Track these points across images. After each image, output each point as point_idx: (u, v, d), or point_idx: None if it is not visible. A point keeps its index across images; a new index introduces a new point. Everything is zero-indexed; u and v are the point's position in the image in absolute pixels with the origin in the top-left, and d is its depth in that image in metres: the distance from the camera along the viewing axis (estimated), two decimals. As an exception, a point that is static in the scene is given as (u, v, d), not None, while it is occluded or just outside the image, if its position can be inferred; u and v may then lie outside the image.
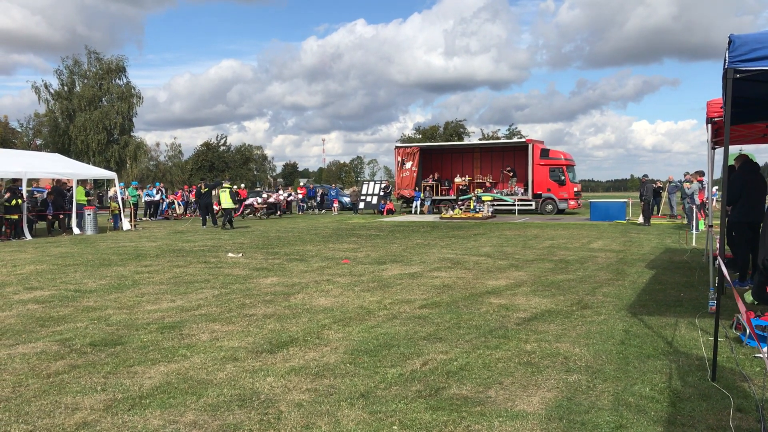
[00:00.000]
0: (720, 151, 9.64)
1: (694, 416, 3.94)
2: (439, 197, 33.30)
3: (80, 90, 51.12)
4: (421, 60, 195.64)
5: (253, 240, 16.98)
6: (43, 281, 9.68)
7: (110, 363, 5.17)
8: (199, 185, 26.18)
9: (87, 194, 21.73)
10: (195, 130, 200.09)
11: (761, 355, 5.08)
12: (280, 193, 32.85)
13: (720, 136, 8.46)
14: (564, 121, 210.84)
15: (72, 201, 20.19)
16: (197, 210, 26.35)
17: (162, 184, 32.42)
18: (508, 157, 33.64)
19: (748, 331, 5.56)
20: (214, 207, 23.76)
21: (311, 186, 41.33)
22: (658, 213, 27.19)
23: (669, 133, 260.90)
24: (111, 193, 23.92)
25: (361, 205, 33.92)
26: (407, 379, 4.69)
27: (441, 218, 26.71)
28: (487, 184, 32.94)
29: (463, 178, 33.48)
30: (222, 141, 78.27)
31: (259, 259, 12.34)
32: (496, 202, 30.51)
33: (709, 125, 7.97)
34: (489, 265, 11.23)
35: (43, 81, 58.41)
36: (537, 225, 22.44)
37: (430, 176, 33.86)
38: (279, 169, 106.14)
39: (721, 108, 6.77)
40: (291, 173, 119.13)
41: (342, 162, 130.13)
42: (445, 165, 35.12)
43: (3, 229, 17.71)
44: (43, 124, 56.09)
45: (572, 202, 30.83)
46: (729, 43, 4.42)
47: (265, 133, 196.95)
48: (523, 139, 38.90)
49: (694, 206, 17.33)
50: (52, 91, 50.67)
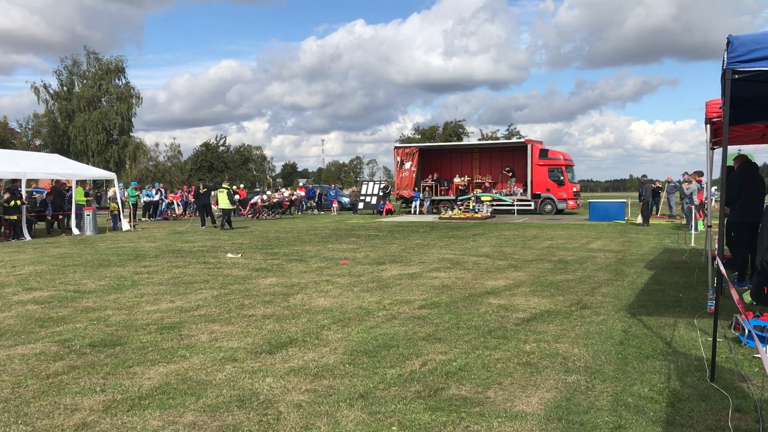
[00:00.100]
0: (719, 152, 9.64)
1: (693, 416, 3.95)
2: (439, 197, 33.29)
3: (79, 90, 51.09)
4: (420, 60, 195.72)
5: (252, 240, 16.98)
6: (42, 282, 9.68)
7: (109, 364, 5.17)
8: (197, 185, 26.17)
9: (86, 195, 21.71)
10: (194, 130, 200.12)
11: (760, 356, 5.09)
12: (284, 191, 32.71)
13: (719, 136, 8.46)
14: (563, 121, 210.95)
15: (71, 201, 20.17)
16: (196, 210, 26.35)
17: (161, 185, 32.39)
18: (507, 158, 33.66)
19: (746, 331, 5.56)
20: (212, 207, 23.76)
21: (310, 186, 41.31)
22: (657, 213, 27.21)
23: (668, 133, 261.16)
24: (110, 193, 23.92)
25: (361, 205, 33.93)
26: (406, 380, 4.69)
27: (440, 218, 26.72)
28: (486, 184, 32.94)
29: (462, 179, 33.48)
30: (221, 141, 78.34)
31: (258, 260, 12.34)
32: (495, 203, 30.51)
33: (708, 125, 7.98)
34: (488, 265, 11.24)
35: (42, 81, 58.27)
36: (536, 225, 22.45)
37: (429, 176, 33.86)
38: (278, 170, 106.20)
39: (720, 108, 6.78)
40: (290, 173, 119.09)
41: (341, 162, 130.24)
42: (444, 165, 35.13)
43: (2, 230, 17.68)
44: (43, 125, 56.04)
45: (571, 203, 30.85)
46: (727, 43, 4.42)
47: (265, 133, 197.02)
48: (522, 140, 38.91)
49: (693, 206, 17.34)
50: (51, 91, 50.68)
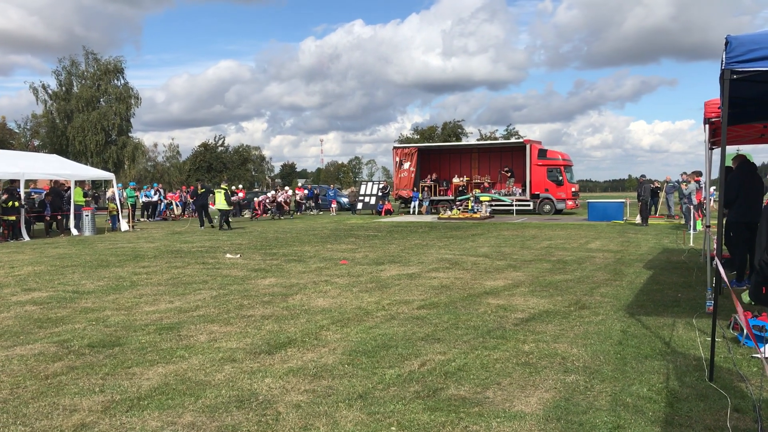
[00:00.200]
0: (717, 151, 9.65)
1: (692, 416, 3.95)
2: (437, 197, 33.31)
3: (78, 91, 51.01)
4: (419, 60, 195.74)
5: (251, 241, 16.97)
6: (40, 282, 9.67)
7: (108, 364, 5.17)
8: (196, 186, 26.14)
9: (85, 195, 21.68)
10: (193, 130, 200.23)
11: (758, 356, 5.09)
12: (287, 190, 32.63)
13: (717, 136, 8.47)
14: (562, 121, 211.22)
15: (70, 202, 20.16)
16: (195, 211, 26.31)
17: (160, 185, 32.35)
18: (505, 158, 33.68)
19: (745, 331, 5.57)
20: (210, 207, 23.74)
21: (309, 186, 41.28)
22: (655, 213, 27.23)
23: (666, 133, 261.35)
24: (109, 194, 23.90)
25: (360, 205, 33.93)
26: (405, 380, 4.69)
27: (439, 218, 26.73)
28: (485, 184, 32.94)
29: (461, 179, 33.49)
30: (220, 142, 78.25)
31: (257, 260, 12.33)
32: (494, 203, 30.52)
33: (707, 125, 7.98)
34: (487, 265, 11.24)
35: (41, 82, 58.42)
36: (535, 225, 22.46)
37: (428, 177, 33.87)
38: (277, 170, 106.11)
39: (719, 108, 6.78)
40: (289, 174, 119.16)
41: (340, 162, 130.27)
42: (443, 165, 35.15)
43: (1, 231, 17.67)
44: (41, 125, 55.96)
45: (570, 203, 30.86)
46: (726, 44, 4.42)
47: (263, 133, 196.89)
48: (521, 140, 38.89)
49: (692, 206, 17.35)
50: (49, 91, 50.60)
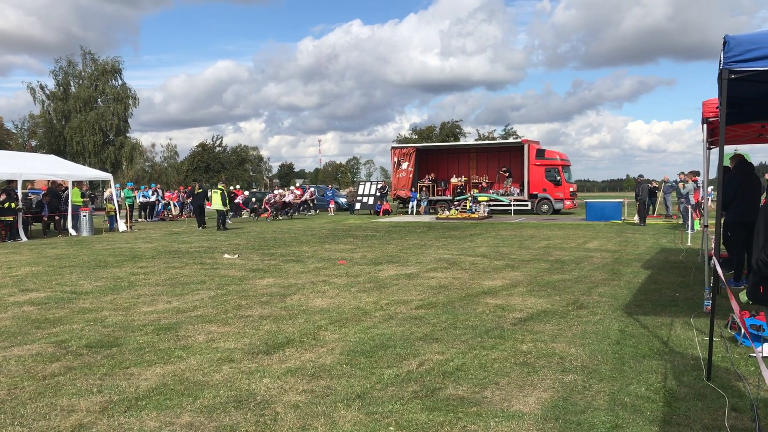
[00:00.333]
0: (715, 151, 9.66)
1: (690, 416, 3.95)
2: (436, 198, 33.30)
3: (76, 91, 50.91)
4: (417, 60, 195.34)
5: (249, 241, 16.96)
6: (38, 283, 9.65)
7: (106, 365, 5.16)
8: (193, 186, 26.11)
9: (83, 195, 21.65)
10: (191, 131, 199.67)
11: (756, 355, 5.10)
12: (292, 190, 32.53)
13: (715, 136, 8.48)
14: (560, 121, 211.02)
15: (67, 202, 20.12)
16: (192, 211, 26.29)
17: (158, 185, 32.29)
18: (504, 158, 33.68)
19: (743, 330, 5.58)
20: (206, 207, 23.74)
21: (307, 186, 41.27)
22: (653, 213, 27.27)
23: (664, 133, 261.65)
24: (106, 194, 23.87)
25: (358, 205, 33.90)
26: (403, 380, 4.69)
27: (437, 219, 26.73)
28: (483, 184, 32.95)
29: (459, 179, 33.47)
30: (218, 142, 78.33)
31: (255, 260, 12.32)
32: (492, 203, 30.51)
33: (705, 125, 7.98)
34: (485, 265, 11.25)
35: (38, 82, 58.19)
36: (533, 225, 22.47)
37: (427, 177, 33.85)
38: (275, 170, 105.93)
39: (717, 108, 6.78)
40: (287, 174, 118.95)
41: (338, 162, 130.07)
42: (441, 165, 35.14)
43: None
44: (39, 126, 55.85)
45: (568, 203, 30.87)
46: (724, 43, 4.43)
47: (261, 133, 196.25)
48: (519, 140, 38.88)
49: (690, 206, 17.37)
50: (47, 92, 50.47)
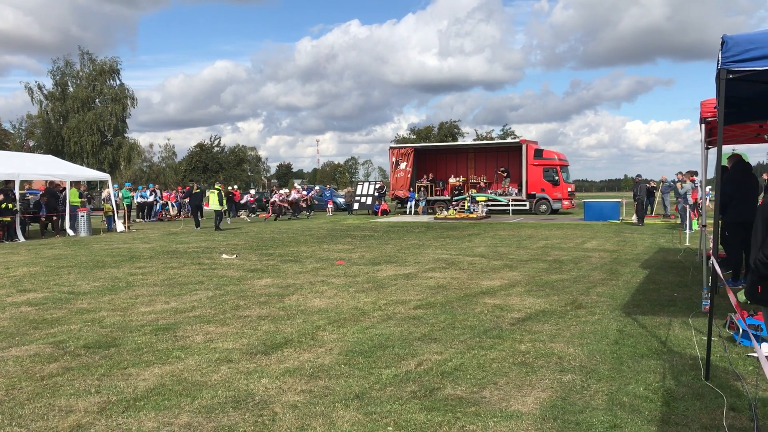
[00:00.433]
0: (713, 151, 9.68)
1: (688, 415, 3.96)
2: (434, 198, 33.31)
3: (73, 91, 50.80)
4: (415, 60, 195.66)
5: (247, 241, 16.95)
6: (36, 283, 9.63)
7: (104, 365, 5.15)
8: (191, 186, 26.08)
9: (80, 196, 21.61)
10: (189, 131, 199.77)
11: (754, 354, 5.10)
12: (299, 189, 32.48)
13: (713, 135, 8.49)
14: (558, 121, 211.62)
15: (65, 203, 20.08)
16: (190, 211, 26.25)
17: (156, 186, 32.24)
18: (502, 158, 33.70)
19: (741, 330, 5.58)
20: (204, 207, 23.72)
21: (305, 186, 41.26)
22: (651, 213, 27.30)
23: (662, 133, 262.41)
24: (104, 194, 23.82)
25: (356, 205, 33.90)
26: (402, 380, 4.69)
27: (435, 219, 26.73)
28: (482, 184, 32.98)
29: (458, 179, 33.49)
30: (216, 142, 78.15)
31: (253, 261, 12.31)
32: (490, 203, 30.53)
33: (703, 125, 7.99)
34: (483, 265, 11.25)
35: (36, 82, 58.20)
36: (531, 225, 22.49)
37: (425, 177, 33.87)
38: (273, 170, 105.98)
39: (715, 108, 6.79)
40: (285, 174, 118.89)
41: (336, 163, 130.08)
42: (439, 165, 35.15)
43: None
44: (36, 126, 55.70)
45: (566, 202, 30.91)
46: (722, 43, 4.43)
47: (259, 133, 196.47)
48: (517, 140, 38.95)
49: (688, 206, 17.40)
50: (45, 92, 50.34)
